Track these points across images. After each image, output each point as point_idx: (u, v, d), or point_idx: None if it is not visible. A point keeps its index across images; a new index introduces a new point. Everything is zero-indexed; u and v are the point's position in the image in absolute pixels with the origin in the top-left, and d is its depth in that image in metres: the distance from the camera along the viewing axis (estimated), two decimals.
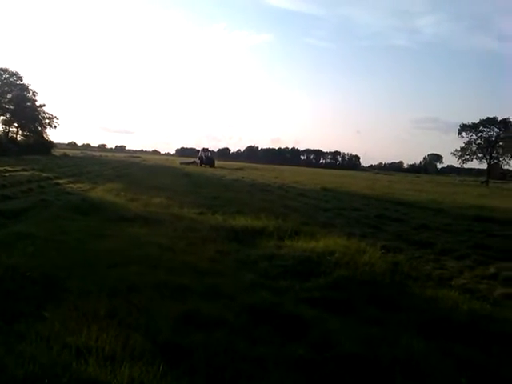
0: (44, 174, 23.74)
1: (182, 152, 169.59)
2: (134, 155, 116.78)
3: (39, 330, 4.31)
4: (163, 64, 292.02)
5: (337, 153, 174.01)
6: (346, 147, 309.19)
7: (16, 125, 61.73)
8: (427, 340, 4.91)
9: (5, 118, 60.40)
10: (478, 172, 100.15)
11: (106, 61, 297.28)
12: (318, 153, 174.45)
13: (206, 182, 30.34)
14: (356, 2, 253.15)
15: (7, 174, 21.88)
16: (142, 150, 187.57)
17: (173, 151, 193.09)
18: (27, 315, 4.73)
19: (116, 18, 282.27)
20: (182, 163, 72.08)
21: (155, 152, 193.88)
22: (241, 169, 62.08)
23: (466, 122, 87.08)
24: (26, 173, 23.92)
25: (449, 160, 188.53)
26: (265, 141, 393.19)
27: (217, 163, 69.76)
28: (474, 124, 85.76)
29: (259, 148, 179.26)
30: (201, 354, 4.12)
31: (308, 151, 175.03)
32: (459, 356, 4.62)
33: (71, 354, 3.86)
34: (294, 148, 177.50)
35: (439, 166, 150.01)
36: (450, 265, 8.84)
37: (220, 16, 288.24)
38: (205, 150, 75.74)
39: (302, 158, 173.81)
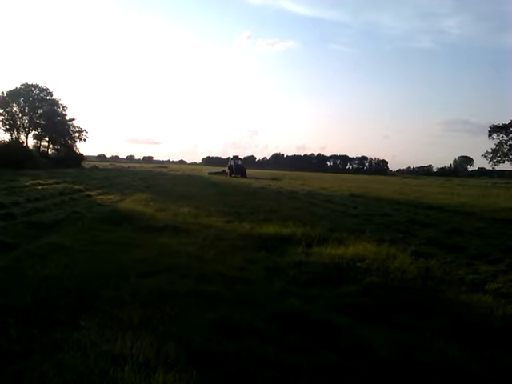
0: (75, 187, 24.30)
1: (208, 161, 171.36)
2: (162, 165, 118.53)
3: (76, 338, 4.43)
4: (187, 74, 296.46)
5: (364, 158, 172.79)
6: (373, 152, 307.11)
7: (47, 139, 63.64)
8: (461, 346, 4.82)
9: (36, 132, 62.44)
10: (511, 174, 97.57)
11: (131, 74, 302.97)
12: (345, 158, 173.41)
13: (232, 190, 30.48)
14: (379, 7, 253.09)
15: (40, 187, 22.51)
16: (168, 160, 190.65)
17: (199, 160, 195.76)
18: (63, 324, 4.86)
19: (141, 30, 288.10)
20: (210, 173, 66.00)
21: (182, 162, 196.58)
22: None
23: (496, 123, 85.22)
24: (57, 185, 24.54)
25: (480, 162, 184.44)
26: (290, 148, 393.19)
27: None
28: (504, 125, 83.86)
29: (285, 155, 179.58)
30: (233, 361, 4.15)
31: (334, 157, 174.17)
32: (494, 362, 4.52)
33: (107, 362, 3.95)
34: (319, 154, 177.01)
35: (470, 168, 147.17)
36: (483, 269, 8.62)
37: (244, 25, 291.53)
38: (235, 157, 66.87)
39: (329, 163, 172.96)
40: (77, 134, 65.66)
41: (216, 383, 3.81)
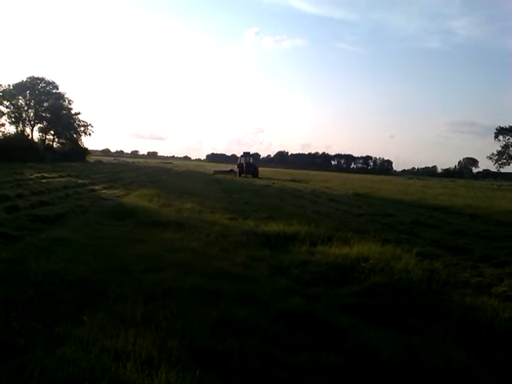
0: (80, 181, 24.30)
1: (213, 158, 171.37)
2: (166, 161, 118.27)
3: (78, 333, 4.38)
4: (193, 70, 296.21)
5: (368, 157, 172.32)
6: (378, 152, 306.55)
7: (52, 132, 63.52)
8: (467, 349, 4.78)
9: (42, 125, 62.24)
10: None
11: (138, 70, 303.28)
12: (349, 158, 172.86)
13: (236, 187, 30.43)
14: (388, 7, 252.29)
15: (44, 181, 22.52)
16: (173, 156, 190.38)
17: (203, 157, 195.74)
18: (66, 319, 4.82)
19: (148, 26, 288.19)
20: (216, 171, 57.05)
21: (186, 158, 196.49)
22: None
23: (503, 125, 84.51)
24: (62, 179, 24.55)
25: (485, 164, 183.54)
26: (295, 146, 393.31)
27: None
28: (511, 127, 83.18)
29: (289, 153, 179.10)
30: (236, 359, 4.11)
31: (339, 156, 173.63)
32: (500, 366, 4.48)
33: (109, 358, 3.91)
34: (324, 153, 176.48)
35: (475, 170, 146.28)
36: (488, 272, 8.56)
37: (252, 21, 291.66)
38: (246, 154, 57.55)
39: (333, 162, 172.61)
40: (82, 128, 65.44)
41: (219, 382, 3.77)
